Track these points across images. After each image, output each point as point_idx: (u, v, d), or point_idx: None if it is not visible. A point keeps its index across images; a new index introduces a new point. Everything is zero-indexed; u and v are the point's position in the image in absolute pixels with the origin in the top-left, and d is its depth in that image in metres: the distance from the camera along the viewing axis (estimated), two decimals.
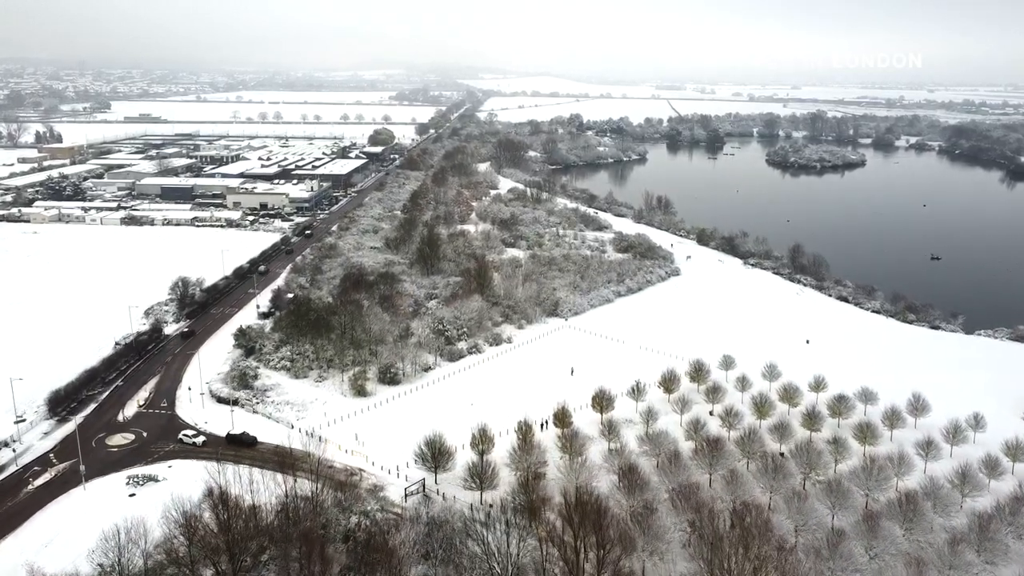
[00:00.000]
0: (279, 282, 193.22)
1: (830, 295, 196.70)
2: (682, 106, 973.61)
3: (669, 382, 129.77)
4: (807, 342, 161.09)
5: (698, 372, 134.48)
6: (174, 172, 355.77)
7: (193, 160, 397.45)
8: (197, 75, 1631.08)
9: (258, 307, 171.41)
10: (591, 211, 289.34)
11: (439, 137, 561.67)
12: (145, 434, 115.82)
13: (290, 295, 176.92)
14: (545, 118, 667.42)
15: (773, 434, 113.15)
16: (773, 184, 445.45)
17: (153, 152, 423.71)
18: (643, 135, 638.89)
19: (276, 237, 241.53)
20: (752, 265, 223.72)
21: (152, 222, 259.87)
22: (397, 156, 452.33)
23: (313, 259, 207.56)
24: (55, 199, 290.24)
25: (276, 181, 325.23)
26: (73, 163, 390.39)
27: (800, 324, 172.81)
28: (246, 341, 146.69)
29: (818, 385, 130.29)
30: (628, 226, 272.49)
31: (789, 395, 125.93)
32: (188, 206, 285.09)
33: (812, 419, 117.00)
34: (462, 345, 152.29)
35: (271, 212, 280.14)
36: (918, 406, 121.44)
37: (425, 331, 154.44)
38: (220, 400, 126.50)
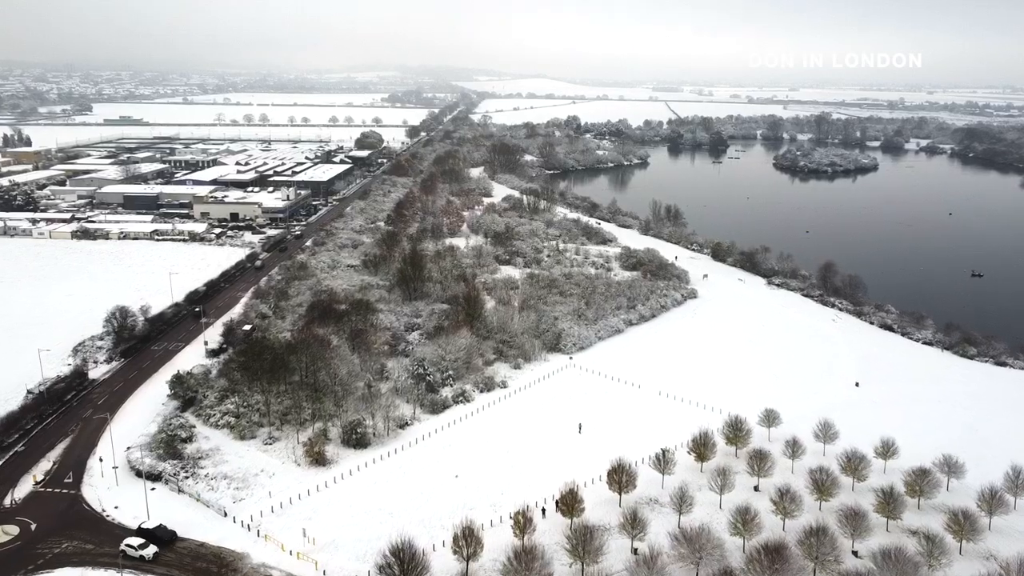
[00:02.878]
0: (238, 309, 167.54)
1: (871, 322, 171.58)
2: (680, 108, 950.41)
3: (702, 447, 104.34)
4: (856, 384, 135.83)
5: (736, 432, 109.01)
6: (142, 179, 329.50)
7: (165, 165, 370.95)
8: (188, 77, 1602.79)
9: (206, 343, 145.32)
10: (593, 222, 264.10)
11: (430, 140, 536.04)
12: (34, 526, 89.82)
13: (247, 327, 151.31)
14: (541, 120, 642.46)
15: (843, 526, 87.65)
16: (784, 190, 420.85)
17: (124, 156, 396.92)
18: (643, 138, 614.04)
19: (244, 252, 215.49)
20: (777, 285, 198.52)
21: (107, 236, 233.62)
22: (385, 160, 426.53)
23: (280, 281, 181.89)
24: (2, 210, 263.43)
25: (250, 189, 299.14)
26: (36, 168, 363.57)
27: (843, 360, 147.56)
28: (183, 390, 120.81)
29: (887, 450, 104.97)
30: (634, 239, 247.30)
31: (853, 466, 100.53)
32: (150, 217, 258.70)
33: (890, 503, 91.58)
34: (446, 393, 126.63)
35: (241, 223, 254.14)
36: (1019, 483, 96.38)
37: (403, 375, 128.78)
38: (140, 474, 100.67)
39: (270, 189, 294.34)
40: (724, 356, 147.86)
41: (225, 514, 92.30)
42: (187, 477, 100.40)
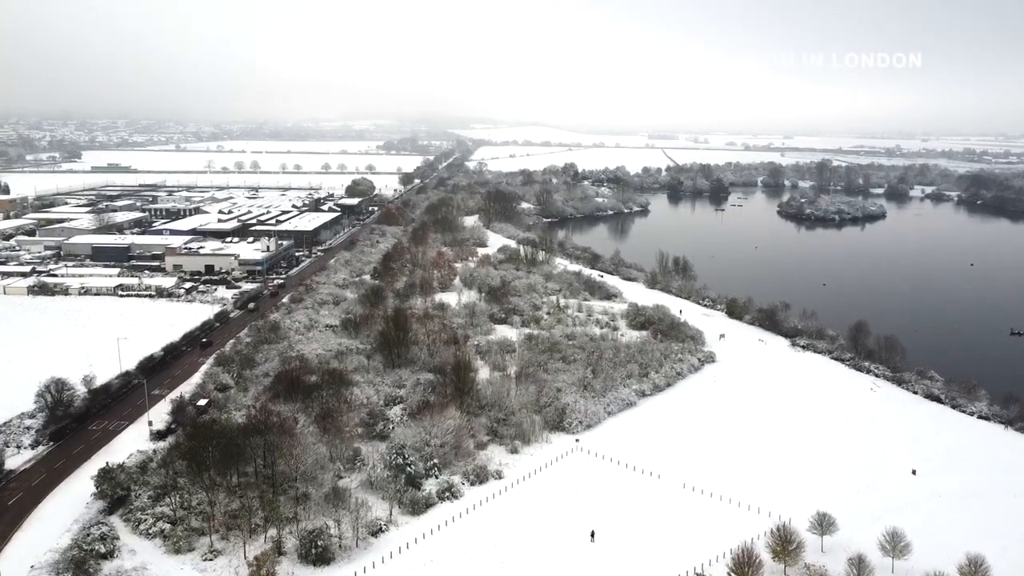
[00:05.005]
0: (196, 378, 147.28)
1: (914, 392, 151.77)
2: (677, 155, 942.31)
3: (745, 567, 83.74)
4: (913, 472, 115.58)
5: (784, 545, 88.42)
6: (117, 228, 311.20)
7: (144, 214, 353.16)
8: (184, 125, 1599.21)
9: (150, 424, 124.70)
10: (596, 275, 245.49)
11: (424, 187, 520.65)
12: None
13: (203, 401, 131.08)
14: (538, 167, 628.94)
15: None
16: (791, 239, 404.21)
17: (103, 205, 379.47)
18: (642, 185, 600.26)
19: (214, 311, 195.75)
20: (802, 347, 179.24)
21: (66, 291, 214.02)
22: (376, 208, 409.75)
23: (248, 344, 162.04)
24: None
25: (229, 239, 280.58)
26: (7, 217, 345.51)
27: (892, 440, 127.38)
28: (112, 488, 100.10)
29: (975, 570, 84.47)
30: (640, 293, 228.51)
31: None
32: (117, 271, 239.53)
33: None
34: (430, 487, 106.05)
35: (215, 277, 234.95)
36: None
37: (378, 466, 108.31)
38: None
39: (250, 239, 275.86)
40: (753, 436, 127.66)
41: None
42: None
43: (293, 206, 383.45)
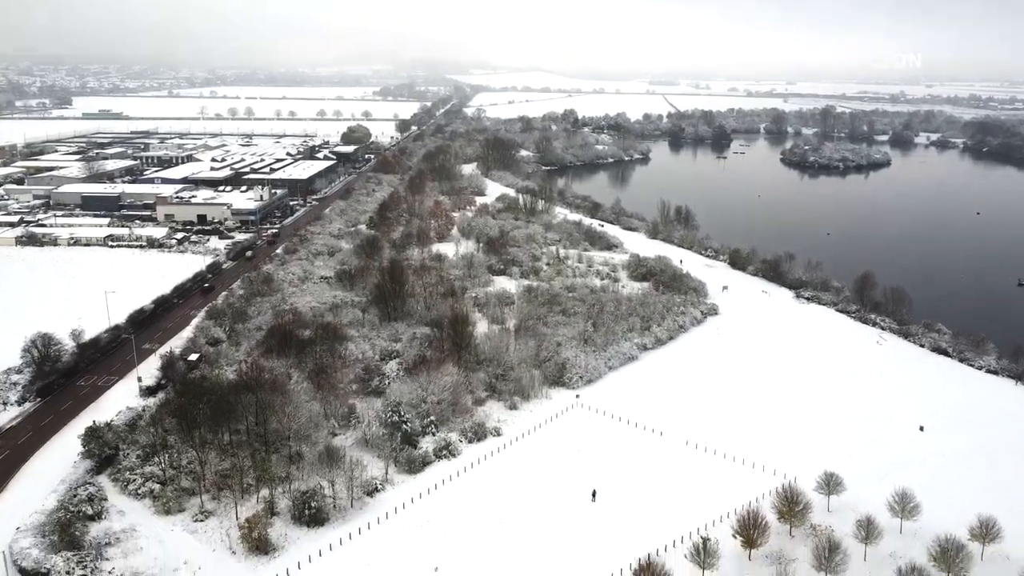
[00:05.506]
0: (188, 332, 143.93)
1: (921, 345, 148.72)
2: (679, 101, 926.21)
3: (750, 529, 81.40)
4: (921, 429, 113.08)
5: (790, 506, 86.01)
6: (108, 176, 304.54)
7: (135, 162, 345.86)
8: (176, 71, 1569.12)
9: (139, 380, 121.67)
10: (596, 224, 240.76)
11: (421, 135, 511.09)
12: None
13: (194, 356, 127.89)
14: (537, 114, 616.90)
15: None
16: (795, 187, 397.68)
17: (94, 152, 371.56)
18: (643, 132, 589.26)
19: (206, 262, 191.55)
20: (807, 299, 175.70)
21: (55, 242, 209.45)
22: (372, 156, 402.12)
23: (241, 297, 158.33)
24: None
25: (222, 188, 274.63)
26: None
27: (899, 395, 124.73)
28: (99, 447, 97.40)
29: (986, 532, 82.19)
30: (642, 243, 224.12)
31: (946, 557, 77.73)
32: (108, 221, 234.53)
33: None
34: (427, 445, 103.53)
35: (208, 227, 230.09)
36: None
37: (374, 424, 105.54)
38: (25, 572, 77.49)
39: (243, 188, 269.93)
40: (756, 391, 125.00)
41: None
42: (84, 575, 77.13)
43: (288, 154, 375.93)
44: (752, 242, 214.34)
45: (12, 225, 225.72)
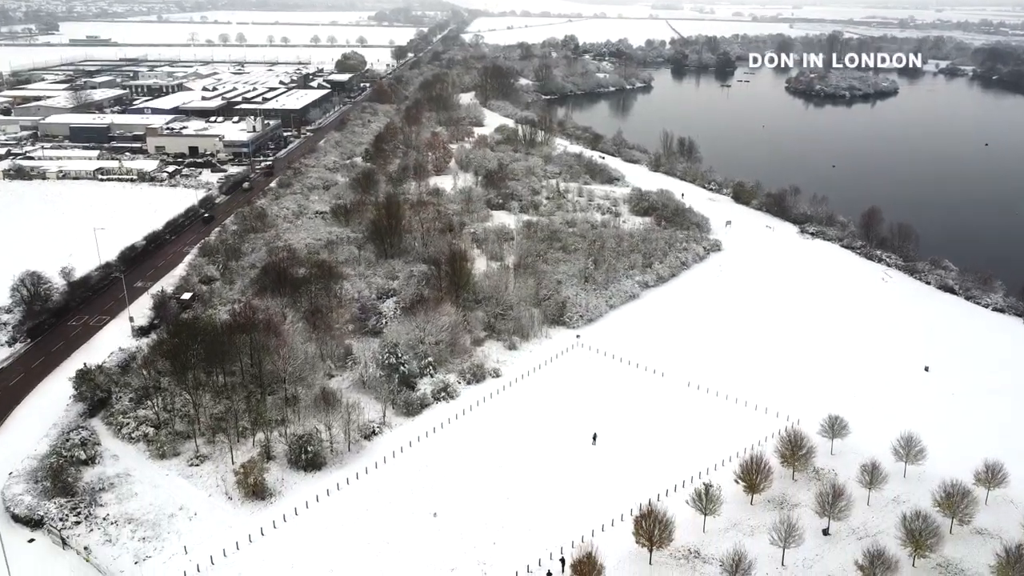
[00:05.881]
0: (180, 270, 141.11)
1: (927, 282, 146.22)
2: (682, 27, 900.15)
3: (753, 474, 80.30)
4: (926, 369, 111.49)
5: (793, 450, 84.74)
6: (97, 106, 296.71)
7: (124, 91, 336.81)
8: None
9: (131, 319, 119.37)
10: (597, 157, 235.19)
11: (418, 62, 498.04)
12: None
13: (187, 295, 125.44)
14: (537, 40, 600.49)
15: None
16: (800, 117, 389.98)
17: (81, 81, 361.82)
18: (645, 59, 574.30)
19: (198, 196, 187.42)
20: (811, 235, 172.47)
21: (43, 175, 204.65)
22: (367, 85, 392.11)
23: (233, 233, 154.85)
24: None
25: (213, 118, 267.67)
26: None
27: (904, 334, 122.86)
28: (91, 390, 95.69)
29: (991, 476, 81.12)
30: (644, 176, 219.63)
31: (951, 501, 76.79)
32: (97, 153, 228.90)
33: (1012, 566, 68.26)
34: (425, 387, 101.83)
35: (199, 160, 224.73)
36: None
37: (371, 365, 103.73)
38: (18, 519, 76.59)
39: (235, 119, 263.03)
40: (759, 330, 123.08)
41: None
42: (81, 521, 76.28)
43: (280, 83, 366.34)
44: (756, 175, 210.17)
45: (0, 158, 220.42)
